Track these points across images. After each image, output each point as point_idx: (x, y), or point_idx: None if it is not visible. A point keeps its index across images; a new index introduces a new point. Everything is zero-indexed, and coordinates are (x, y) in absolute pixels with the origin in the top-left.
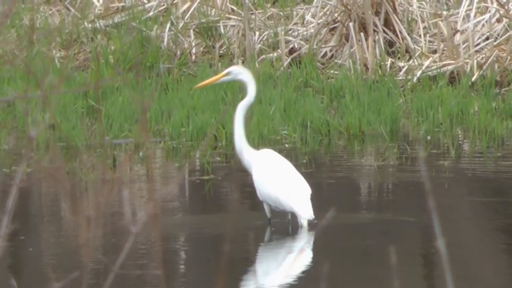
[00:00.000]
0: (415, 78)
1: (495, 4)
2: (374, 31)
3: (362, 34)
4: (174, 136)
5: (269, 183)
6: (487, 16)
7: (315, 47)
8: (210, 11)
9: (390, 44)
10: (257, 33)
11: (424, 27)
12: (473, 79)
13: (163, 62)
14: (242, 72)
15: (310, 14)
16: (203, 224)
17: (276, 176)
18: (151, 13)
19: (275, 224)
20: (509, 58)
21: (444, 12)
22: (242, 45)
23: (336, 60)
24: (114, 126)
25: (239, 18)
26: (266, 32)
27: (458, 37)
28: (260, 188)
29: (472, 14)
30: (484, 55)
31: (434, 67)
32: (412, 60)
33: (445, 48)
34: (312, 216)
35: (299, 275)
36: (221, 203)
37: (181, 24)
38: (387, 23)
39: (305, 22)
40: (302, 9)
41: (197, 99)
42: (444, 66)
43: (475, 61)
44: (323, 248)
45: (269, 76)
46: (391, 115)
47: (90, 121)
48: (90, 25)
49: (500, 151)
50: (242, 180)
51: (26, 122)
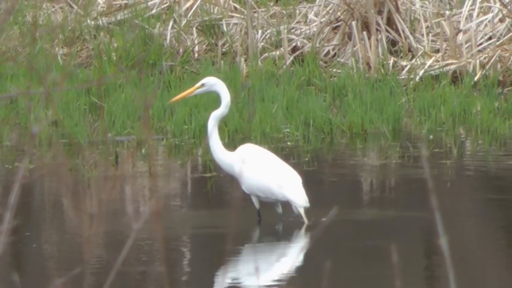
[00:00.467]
0: (417, 77)
1: (498, 4)
2: (377, 30)
3: (364, 33)
4: (177, 133)
5: (257, 174)
6: (489, 16)
7: (317, 45)
8: (213, 9)
9: (393, 43)
10: (259, 31)
11: (427, 27)
12: (475, 79)
13: (165, 60)
14: (217, 84)
15: (313, 12)
16: (205, 221)
17: (264, 166)
18: (153, 10)
19: (274, 220)
20: (511, 58)
21: (447, 12)
22: (245, 43)
23: (338, 59)
24: (117, 123)
25: (242, 16)
26: (268, 31)
27: (460, 36)
28: (248, 182)
29: (474, 14)
30: (486, 55)
31: (437, 66)
32: (414, 59)
33: (447, 48)
34: (308, 204)
35: (300, 273)
36: (223, 200)
37: (183, 22)
38: (390, 22)
39: (307, 20)
40: (305, 7)
41: (199, 96)
42: (446, 65)
43: (478, 60)
44: (325, 246)
45: (271, 74)
46: (394, 114)
47: (93, 118)
48: (92, 22)
49: (502, 150)
50: None
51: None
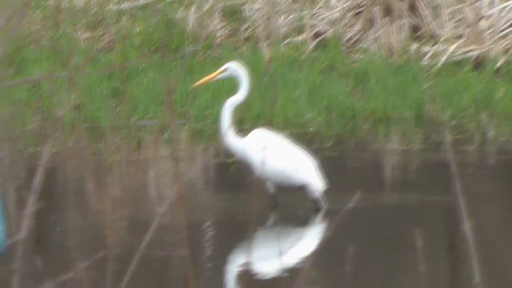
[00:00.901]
0: (440, 63)
1: None
2: (399, 15)
3: (387, 18)
4: (199, 118)
5: (272, 159)
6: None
7: (340, 31)
8: None
9: (415, 29)
10: (282, 16)
11: (449, 12)
12: (498, 65)
13: (188, 45)
14: (239, 69)
15: None
16: (227, 206)
17: (279, 151)
18: None
19: (293, 204)
20: None
21: None
22: (267, 28)
23: (361, 44)
24: (139, 107)
25: (264, 1)
26: (291, 16)
27: (483, 22)
28: (263, 167)
29: (497, 0)
30: (509, 41)
31: (459, 52)
32: (437, 45)
33: (470, 34)
34: (325, 187)
35: (322, 257)
36: (245, 185)
37: (206, 7)
38: (412, 8)
39: (330, 6)
40: None
41: (222, 81)
42: (469, 51)
43: (500, 46)
44: (347, 230)
45: (294, 59)
46: (416, 99)
47: (115, 102)
48: (115, 7)
49: None
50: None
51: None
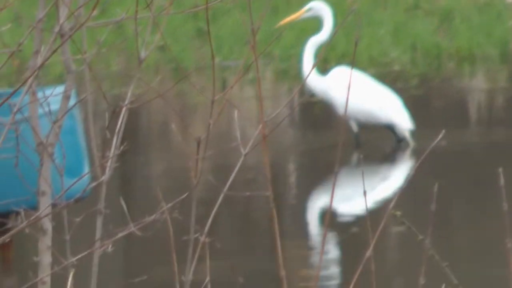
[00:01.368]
0: None
1: None
2: None
3: None
4: (284, 58)
5: (358, 97)
6: None
7: None
8: None
9: None
10: None
11: None
12: None
13: None
14: (323, 8)
15: None
16: (312, 145)
17: (364, 89)
18: None
19: (377, 143)
20: None
21: None
22: None
23: None
24: (224, 48)
25: None
26: None
27: None
28: (349, 105)
29: None
30: None
31: None
32: None
33: None
34: (413, 126)
35: (407, 196)
36: (330, 124)
37: None
38: None
39: None
40: None
41: (307, 21)
42: None
43: None
44: (432, 170)
45: None
46: (501, 37)
47: (200, 43)
48: None
49: None
50: None
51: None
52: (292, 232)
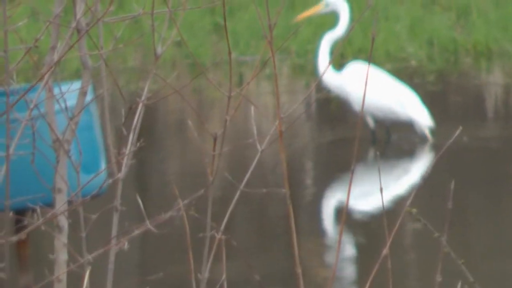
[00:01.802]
0: None
1: None
2: None
3: None
4: (301, 53)
5: (376, 93)
6: None
7: None
8: None
9: None
10: None
11: None
12: None
13: None
14: (340, 3)
15: None
16: (328, 141)
17: (381, 85)
18: None
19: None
20: None
21: None
22: None
23: None
24: (241, 43)
25: None
26: None
27: None
28: (366, 101)
29: None
30: None
31: None
32: None
33: None
34: (432, 124)
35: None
36: (347, 120)
37: None
38: None
39: None
40: None
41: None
42: None
43: None
44: (449, 166)
45: None
46: None
47: (217, 38)
48: None
49: None
50: None
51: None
52: (308, 229)
